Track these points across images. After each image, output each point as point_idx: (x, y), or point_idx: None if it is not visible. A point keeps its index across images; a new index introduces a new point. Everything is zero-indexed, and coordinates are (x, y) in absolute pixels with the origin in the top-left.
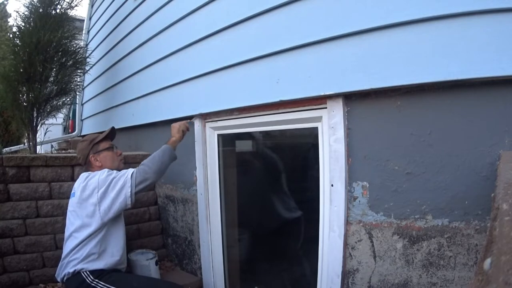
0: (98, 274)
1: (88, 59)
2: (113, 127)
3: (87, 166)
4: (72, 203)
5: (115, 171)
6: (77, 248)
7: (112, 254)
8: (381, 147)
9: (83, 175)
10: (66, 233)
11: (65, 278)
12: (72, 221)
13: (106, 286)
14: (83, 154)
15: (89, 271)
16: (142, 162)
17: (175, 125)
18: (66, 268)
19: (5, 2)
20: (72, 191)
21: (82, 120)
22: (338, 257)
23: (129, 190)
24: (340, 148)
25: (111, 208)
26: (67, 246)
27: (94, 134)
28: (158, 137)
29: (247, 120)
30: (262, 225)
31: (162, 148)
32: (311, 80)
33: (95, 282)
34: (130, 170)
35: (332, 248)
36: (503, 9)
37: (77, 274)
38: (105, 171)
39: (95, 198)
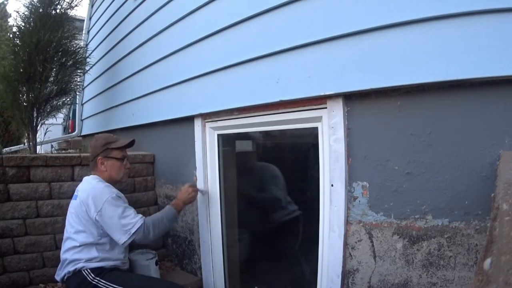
0: (99, 272)
1: (88, 59)
2: (133, 140)
3: (93, 164)
4: (74, 205)
5: (123, 205)
6: (77, 249)
7: (114, 258)
8: (381, 147)
9: (89, 180)
10: (65, 234)
11: (65, 277)
12: (72, 223)
13: (107, 285)
14: (93, 153)
15: (90, 269)
16: (151, 221)
17: (185, 194)
18: (67, 267)
19: (5, 2)
20: (75, 193)
21: (82, 120)
22: (338, 257)
23: (125, 240)
24: (340, 148)
25: (107, 232)
26: (66, 246)
27: (114, 136)
28: (158, 137)
29: (247, 120)
30: (262, 225)
31: (172, 216)
32: (311, 80)
33: (96, 280)
34: (137, 223)
35: (332, 248)
36: (503, 9)
37: (78, 272)
38: (114, 196)
39: (94, 216)
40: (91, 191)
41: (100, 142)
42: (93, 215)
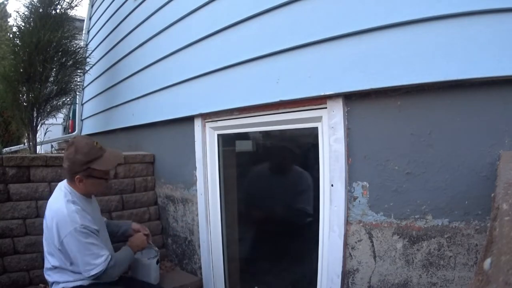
0: None
1: (88, 59)
2: (121, 161)
3: (68, 177)
4: (44, 225)
5: (85, 240)
6: (53, 271)
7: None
8: (381, 147)
9: (58, 197)
10: (44, 249)
11: None
12: (44, 242)
13: None
14: (70, 169)
15: None
16: (116, 261)
17: (138, 242)
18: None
19: (5, 2)
20: (46, 210)
21: (82, 120)
22: (338, 257)
23: (86, 275)
24: (340, 148)
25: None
26: (45, 265)
27: (97, 147)
28: (158, 137)
29: (247, 120)
30: (262, 225)
31: (130, 257)
32: (311, 80)
33: None
34: (99, 266)
35: (332, 248)
36: (503, 9)
37: None
38: (77, 229)
39: (57, 245)
40: (55, 216)
41: (79, 158)
42: (56, 244)
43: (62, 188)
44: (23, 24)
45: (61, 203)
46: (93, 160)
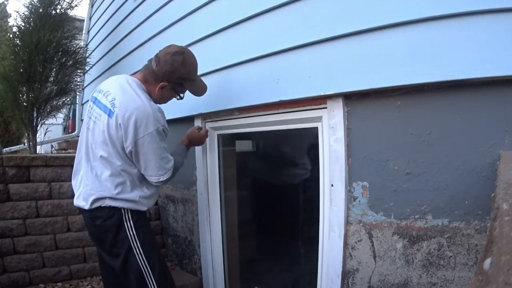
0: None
1: (88, 59)
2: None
3: (149, 74)
4: (106, 123)
5: (163, 145)
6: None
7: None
8: (381, 147)
9: (128, 88)
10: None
11: None
12: (95, 149)
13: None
14: (167, 73)
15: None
16: (174, 168)
17: (196, 139)
18: None
19: (5, 2)
20: (106, 105)
21: (82, 120)
22: (338, 257)
23: (153, 181)
24: (340, 148)
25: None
26: (89, 176)
27: (196, 69)
28: None
29: (247, 120)
30: (263, 225)
31: (183, 152)
32: (311, 80)
33: None
34: (167, 173)
35: (332, 248)
36: (503, 9)
37: None
38: (160, 129)
39: (129, 146)
40: (135, 113)
41: (182, 71)
42: (128, 145)
43: (134, 86)
44: (23, 24)
45: (143, 101)
46: (189, 79)
